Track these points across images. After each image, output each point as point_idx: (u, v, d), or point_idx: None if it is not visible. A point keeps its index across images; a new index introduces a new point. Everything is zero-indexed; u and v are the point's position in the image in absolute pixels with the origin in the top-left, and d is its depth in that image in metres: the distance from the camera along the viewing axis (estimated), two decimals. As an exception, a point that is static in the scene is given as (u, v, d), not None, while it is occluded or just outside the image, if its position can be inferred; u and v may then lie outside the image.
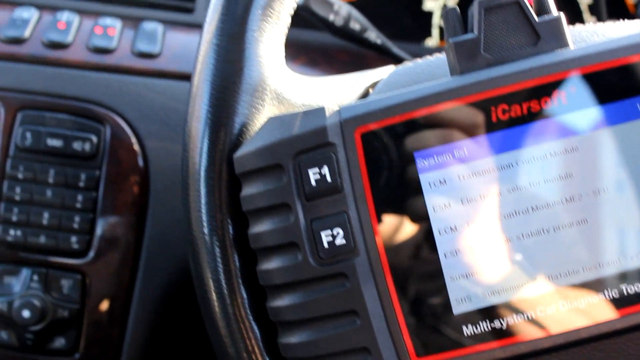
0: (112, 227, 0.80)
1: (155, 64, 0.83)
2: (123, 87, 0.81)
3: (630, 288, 0.42)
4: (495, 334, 0.42)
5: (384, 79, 0.53)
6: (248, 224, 0.45)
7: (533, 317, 0.42)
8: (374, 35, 0.83)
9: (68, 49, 0.82)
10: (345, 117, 0.43)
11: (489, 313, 0.42)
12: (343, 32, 0.82)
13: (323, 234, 0.43)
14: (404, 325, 0.43)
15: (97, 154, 0.79)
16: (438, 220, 0.43)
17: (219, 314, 0.46)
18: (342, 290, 0.43)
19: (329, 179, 0.42)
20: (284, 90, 0.49)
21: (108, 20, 0.85)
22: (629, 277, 0.42)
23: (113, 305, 0.81)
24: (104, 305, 0.80)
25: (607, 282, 0.42)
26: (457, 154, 0.43)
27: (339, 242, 0.43)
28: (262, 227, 0.44)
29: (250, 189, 0.44)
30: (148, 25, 0.86)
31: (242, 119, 0.46)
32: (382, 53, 0.86)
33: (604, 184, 0.43)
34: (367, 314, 0.42)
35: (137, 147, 0.81)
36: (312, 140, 0.42)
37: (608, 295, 0.42)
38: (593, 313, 0.42)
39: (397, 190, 0.43)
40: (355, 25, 0.82)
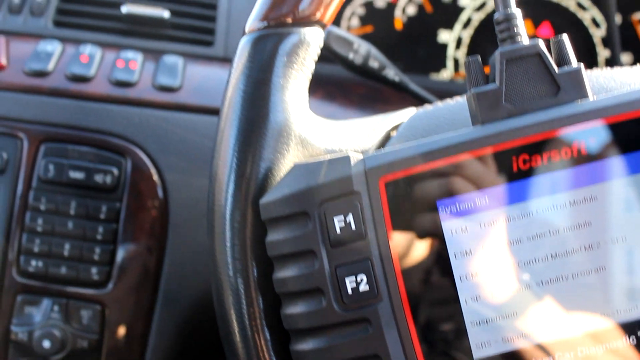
0: (131, 258, 0.81)
1: (176, 98, 0.85)
2: (144, 120, 0.83)
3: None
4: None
5: (405, 123, 0.54)
6: (273, 267, 0.46)
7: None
8: (392, 73, 0.84)
9: (90, 82, 0.84)
10: (370, 166, 0.44)
11: (510, 358, 0.43)
12: (362, 70, 0.84)
13: (347, 280, 0.43)
14: (426, 371, 0.43)
15: (118, 186, 0.81)
16: (460, 267, 0.43)
17: (243, 356, 0.47)
18: (365, 335, 0.44)
19: (354, 227, 0.43)
20: (308, 135, 0.50)
21: (130, 54, 0.87)
22: None
23: (131, 336, 0.82)
24: (123, 336, 0.81)
25: (625, 328, 0.43)
26: (478, 203, 0.43)
27: (363, 288, 0.43)
28: (287, 272, 0.45)
29: (276, 235, 0.45)
30: (169, 59, 0.87)
31: (267, 164, 0.47)
32: (399, 90, 0.87)
33: (622, 233, 0.43)
34: (389, 359, 0.43)
35: (157, 179, 0.82)
36: (337, 189, 0.43)
37: (627, 342, 0.43)
38: (611, 358, 0.43)
39: (419, 237, 0.44)
40: (374, 63, 0.83)
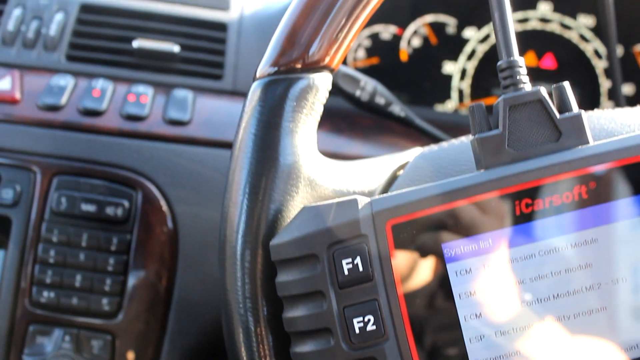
0: (141, 289, 0.82)
1: (186, 131, 0.87)
2: (154, 153, 0.85)
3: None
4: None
5: (411, 163, 0.56)
6: (283, 306, 0.47)
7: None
8: (398, 109, 0.86)
9: (102, 116, 0.86)
10: (377, 209, 0.45)
11: None
12: (369, 106, 0.85)
13: (355, 320, 0.45)
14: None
15: (128, 219, 0.82)
16: (464, 307, 0.45)
17: (253, 393, 0.48)
18: (372, 374, 0.45)
19: (361, 269, 0.45)
20: (317, 177, 0.51)
21: (140, 88, 0.89)
22: None
23: (141, 366, 0.83)
24: (133, 366, 0.83)
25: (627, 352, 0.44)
26: (482, 245, 0.45)
27: (370, 328, 0.45)
28: (296, 312, 0.46)
29: (286, 276, 0.46)
30: (179, 93, 0.89)
31: (277, 205, 0.49)
32: (405, 125, 0.88)
33: (623, 274, 0.45)
34: (396, 396, 0.45)
35: (167, 211, 0.84)
36: (345, 232, 0.45)
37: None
38: None
39: (425, 279, 0.45)
40: (381, 100, 0.85)
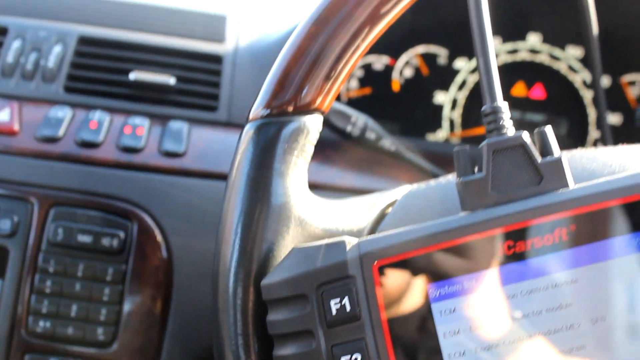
0: (136, 319, 0.84)
1: (181, 163, 0.88)
2: (150, 184, 0.86)
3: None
4: None
5: (399, 202, 0.57)
6: (273, 343, 0.49)
7: None
8: (389, 143, 0.88)
9: (99, 148, 0.87)
10: (364, 251, 0.47)
11: None
12: (359, 141, 0.87)
13: (343, 359, 0.46)
14: None
15: (124, 249, 0.84)
16: (448, 346, 0.46)
17: None
18: (360, 409, 0.46)
19: (349, 309, 0.46)
20: (307, 216, 0.53)
21: (137, 120, 0.91)
22: None
23: (135, 396, 0.84)
24: (127, 395, 0.84)
25: None
26: (466, 285, 0.46)
27: None
28: (286, 350, 0.47)
29: (276, 315, 0.48)
30: (174, 125, 0.91)
31: (268, 245, 0.51)
32: (396, 158, 0.90)
33: (602, 313, 0.46)
34: None
35: (162, 242, 0.85)
36: (333, 273, 0.47)
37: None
38: None
39: (410, 318, 0.47)
40: (371, 135, 0.87)
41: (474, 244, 0.46)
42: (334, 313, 0.46)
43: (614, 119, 1.10)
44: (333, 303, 0.46)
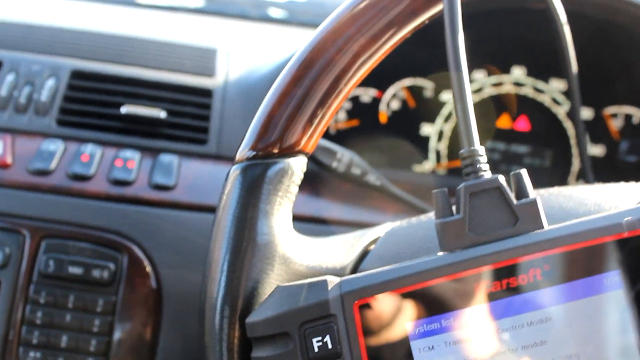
0: (125, 349, 0.85)
1: (170, 196, 0.90)
2: (140, 217, 0.88)
3: None
4: None
5: (381, 239, 0.59)
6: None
7: None
8: (374, 178, 0.90)
9: (90, 181, 0.89)
10: (345, 290, 0.48)
11: None
12: (345, 176, 0.89)
13: None
14: None
15: (114, 281, 0.85)
16: (427, 382, 0.48)
17: None
18: None
19: (330, 346, 0.48)
20: (291, 254, 0.54)
21: (128, 153, 0.92)
22: None
23: None
24: None
25: None
26: (444, 324, 0.48)
27: None
28: (270, 386, 0.49)
29: (261, 352, 0.49)
30: (165, 158, 0.93)
31: (253, 283, 0.52)
32: (381, 192, 0.92)
33: (575, 350, 0.48)
34: None
35: (152, 274, 0.86)
36: (315, 312, 0.48)
37: None
38: None
39: (390, 356, 0.48)
40: (356, 170, 0.89)
41: (452, 284, 0.48)
42: (316, 350, 0.48)
43: (597, 151, 1.12)
44: (315, 341, 0.48)
